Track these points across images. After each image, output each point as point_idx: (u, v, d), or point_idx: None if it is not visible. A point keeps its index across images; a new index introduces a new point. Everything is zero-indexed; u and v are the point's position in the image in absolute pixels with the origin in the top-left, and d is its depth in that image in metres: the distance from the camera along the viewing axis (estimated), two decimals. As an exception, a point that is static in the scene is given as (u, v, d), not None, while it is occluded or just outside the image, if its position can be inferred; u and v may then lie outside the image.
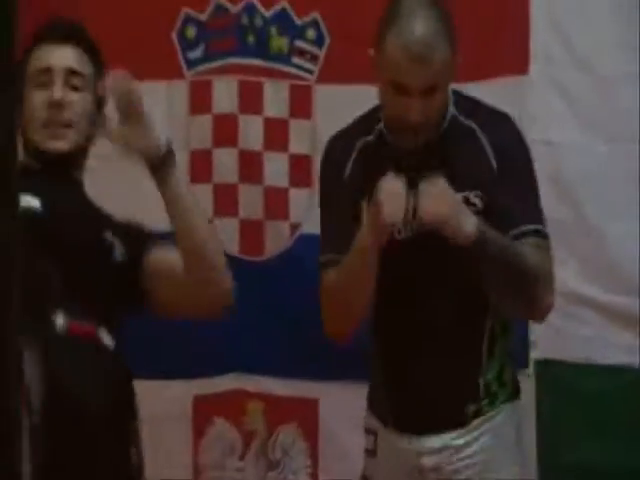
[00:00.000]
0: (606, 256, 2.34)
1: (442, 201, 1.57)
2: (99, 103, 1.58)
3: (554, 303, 1.75)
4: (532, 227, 1.66)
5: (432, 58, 1.56)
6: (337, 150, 1.78)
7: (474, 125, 1.68)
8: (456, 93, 1.73)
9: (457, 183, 1.63)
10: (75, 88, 1.57)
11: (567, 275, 2.18)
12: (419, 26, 1.57)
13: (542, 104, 2.34)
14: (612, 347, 2.36)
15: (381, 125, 1.70)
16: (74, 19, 1.85)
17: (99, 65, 1.64)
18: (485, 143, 1.67)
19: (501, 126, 1.71)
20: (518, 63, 2.35)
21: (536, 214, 1.70)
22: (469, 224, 1.57)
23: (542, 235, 1.68)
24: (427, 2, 1.63)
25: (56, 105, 1.51)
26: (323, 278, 1.75)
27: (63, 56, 1.57)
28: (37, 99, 1.52)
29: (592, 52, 2.35)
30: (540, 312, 1.76)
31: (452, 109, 1.69)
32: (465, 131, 1.68)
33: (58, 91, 1.52)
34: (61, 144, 1.53)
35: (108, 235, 1.54)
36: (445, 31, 1.60)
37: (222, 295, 1.61)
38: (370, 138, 1.71)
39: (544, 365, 2.36)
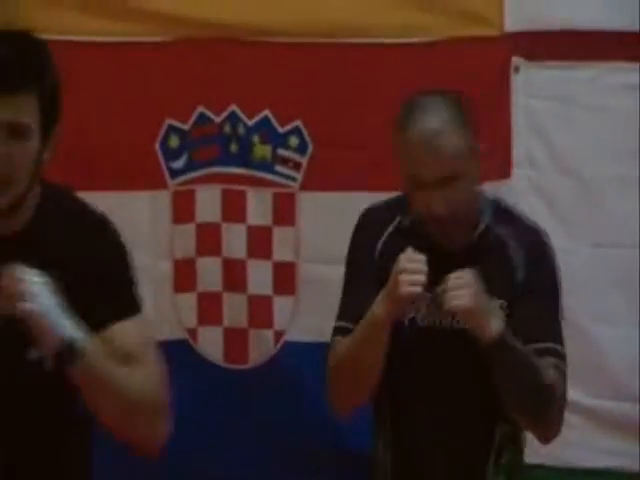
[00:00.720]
0: (591, 360, 2.35)
1: (468, 292, 1.52)
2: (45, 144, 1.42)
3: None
4: (553, 346, 1.63)
5: (443, 147, 1.56)
6: (371, 224, 1.75)
7: (506, 237, 1.67)
8: (495, 202, 1.72)
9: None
10: (20, 136, 1.40)
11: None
12: (429, 117, 1.58)
13: (525, 209, 2.35)
14: (596, 451, 2.39)
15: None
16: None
17: (54, 108, 1.46)
18: (514, 256, 1.65)
19: (532, 241, 1.69)
20: (501, 168, 2.37)
21: (558, 333, 1.67)
22: (495, 324, 1.53)
23: (561, 356, 1.64)
24: (440, 97, 1.64)
25: None
26: (333, 344, 1.68)
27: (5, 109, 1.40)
28: None
29: (575, 157, 2.38)
30: (547, 435, 1.71)
31: (488, 218, 1.67)
32: (496, 242, 1.66)
33: None
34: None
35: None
36: (459, 120, 1.60)
37: (153, 437, 1.46)
38: (405, 223, 1.70)
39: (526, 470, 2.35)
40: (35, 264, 1.32)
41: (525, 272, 1.63)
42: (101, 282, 1.41)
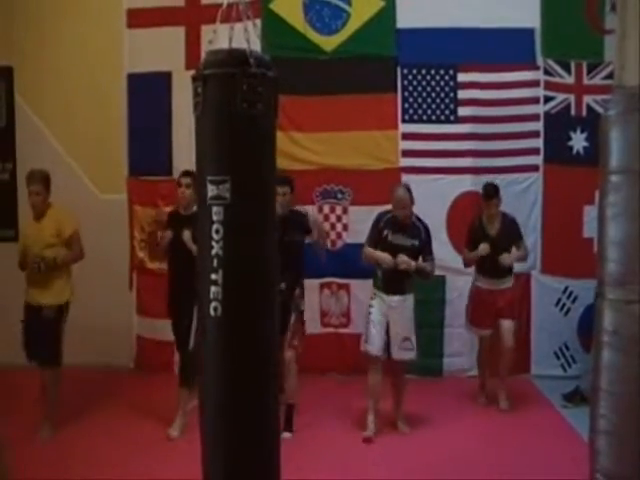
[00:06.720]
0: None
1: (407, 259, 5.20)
2: None
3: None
4: (431, 257, 5.29)
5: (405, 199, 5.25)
6: (378, 216, 5.32)
7: (418, 221, 5.27)
8: (416, 215, 5.36)
9: (413, 236, 5.20)
10: None
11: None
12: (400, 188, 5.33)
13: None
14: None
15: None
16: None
17: None
18: (421, 228, 5.26)
19: (425, 225, 5.32)
20: None
21: (432, 252, 5.30)
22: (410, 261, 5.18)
23: (433, 259, 5.34)
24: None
25: None
26: (364, 249, 5.30)
27: None
28: None
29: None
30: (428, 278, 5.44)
31: (414, 216, 5.30)
32: (416, 223, 5.27)
33: None
34: None
35: None
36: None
37: None
38: (390, 215, 5.25)
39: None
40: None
41: (423, 235, 5.26)
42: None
